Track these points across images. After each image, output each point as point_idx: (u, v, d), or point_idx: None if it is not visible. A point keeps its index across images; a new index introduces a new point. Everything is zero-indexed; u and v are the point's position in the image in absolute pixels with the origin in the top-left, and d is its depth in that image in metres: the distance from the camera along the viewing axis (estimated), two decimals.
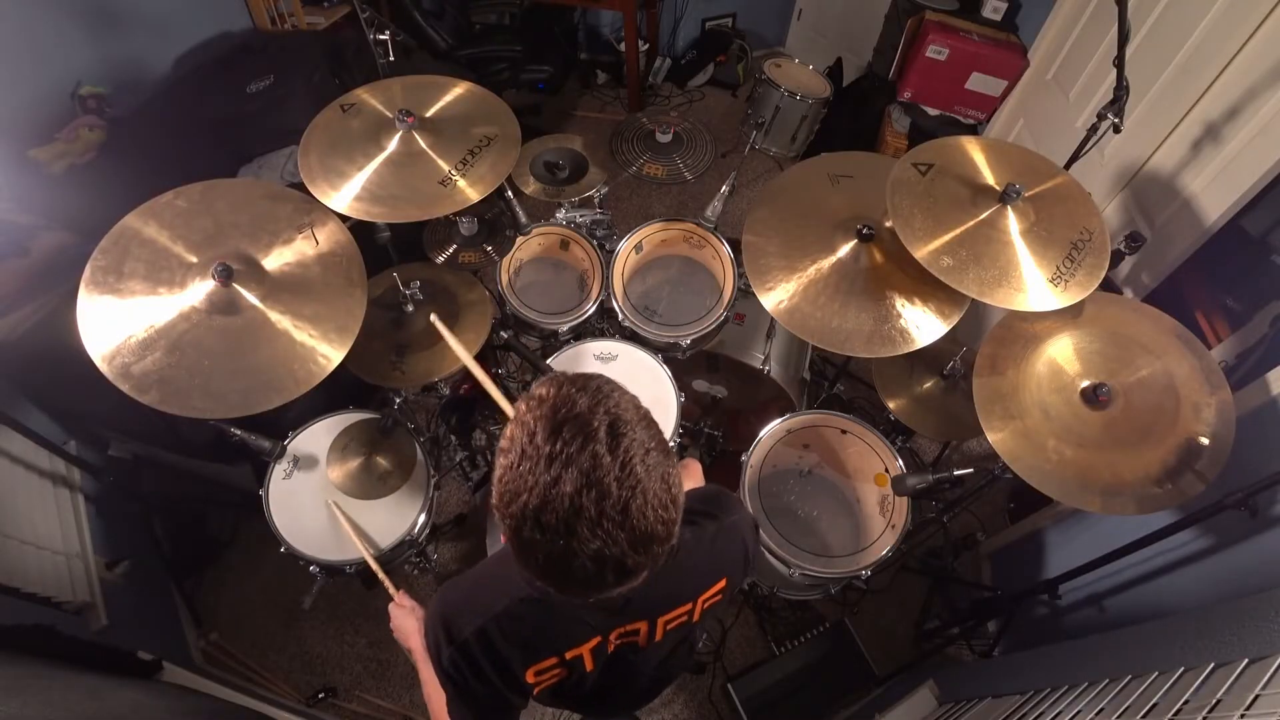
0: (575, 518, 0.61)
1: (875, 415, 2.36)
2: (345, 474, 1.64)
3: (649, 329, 1.87)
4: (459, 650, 0.86)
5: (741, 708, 2.02)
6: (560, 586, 0.68)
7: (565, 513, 0.61)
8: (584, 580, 0.65)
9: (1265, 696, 0.90)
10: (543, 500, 0.61)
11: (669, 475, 0.66)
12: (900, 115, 3.11)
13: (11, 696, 1.17)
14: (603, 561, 0.63)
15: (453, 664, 0.86)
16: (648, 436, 0.65)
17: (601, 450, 0.62)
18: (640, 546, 0.64)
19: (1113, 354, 1.44)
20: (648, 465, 0.64)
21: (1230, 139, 1.75)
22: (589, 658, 0.91)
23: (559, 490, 0.61)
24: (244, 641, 2.18)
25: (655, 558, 0.67)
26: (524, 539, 0.64)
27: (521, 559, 0.68)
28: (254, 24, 2.65)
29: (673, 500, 0.66)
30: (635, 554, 0.64)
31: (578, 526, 0.61)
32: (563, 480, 0.61)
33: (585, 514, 0.61)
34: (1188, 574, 1.52)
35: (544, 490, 0.61)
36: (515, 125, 1.59)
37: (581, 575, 0.64)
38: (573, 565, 0.64)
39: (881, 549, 1.66)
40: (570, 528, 0.61)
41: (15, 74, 1.97)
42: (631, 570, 0.66)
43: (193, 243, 1.35)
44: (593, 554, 0.62)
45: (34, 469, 1.72)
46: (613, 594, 0.70)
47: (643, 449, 0.64)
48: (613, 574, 0.65)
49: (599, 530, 0.61)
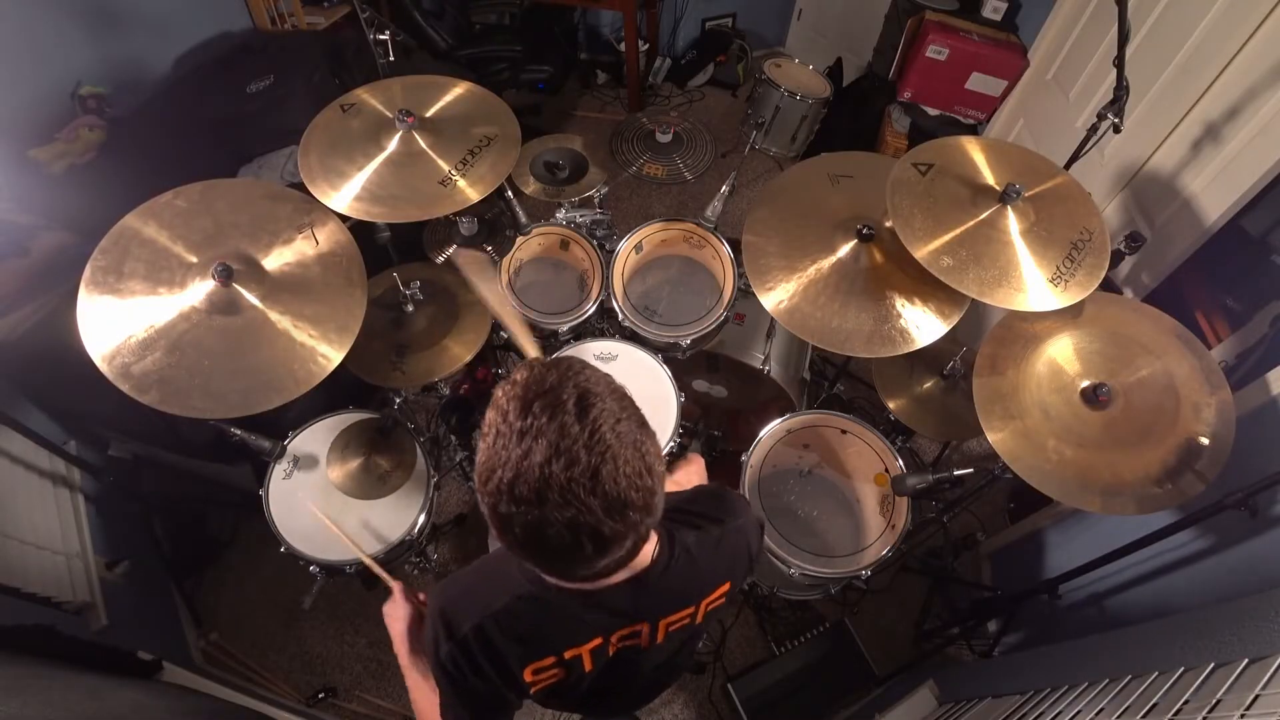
0: (545, 486, 0.62)
1: (875, 415, 2.36)
2: (345, 474, 1.64)
3: (649, 329, 1.87)
4: (458, 646, 0.86)
5: (741, 708, 2.02)
6: (542, 561, 0.69)
7: (536, 482, 0.62)
8: (562, 551, 0.66)
9: (1265, 696, 0.90)
10: (515, 473, 0.63)
11: (643, 444, 0.67)
12: (900, 115, 3.11)
13: (11, 696, 1.17)
14: (577, 529, 0.64)
15: (451, 660, 0.86)
16: (618, 407, 0.66)
17: (569, 420, 0.63)
18: (614, 513, 0.65)
19: (1113, 354, 1.44)
20: (618, 433, 0.65)
21: (1230, 139, 1.75)
22: (588, 658, 0.90)
23: (529, 462, 0.62)
24: (244, 641, 2.18)
25: (633, 526, 0.67)
26: (501, 514, 0.66)
27: (502, 535, 0.69)
28: (254, 24, 2.65)
29: (648, 469, 0.67)
30: (610, 520, 0.65)
31: (548, 494, 0.62)
32: (533, 452, 0.62)
33: (555, 482, 0.62)
34: (1188, 574, 1.52)
35: (516, 464, 0.63)
36: (515, 125, 1.59)
37: (558, 544, 0.65)
38: (548, 535, 0.64)
39: (881, 549, 1.66)
40: (542, 496, 0.62)
41: (15, 74, 1.97)
42: (609, 539, 0.66)
43: (193, 243, 1.35)
44: (566, 522, 0.63)
45: (34, 469, 1.72)
46: (597, 566, 0.70)
47: (612, 418, 0.65)
48: (590, 542, 0.66)
49: (569, 497, 0.62)
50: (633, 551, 0.72)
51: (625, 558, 0.72)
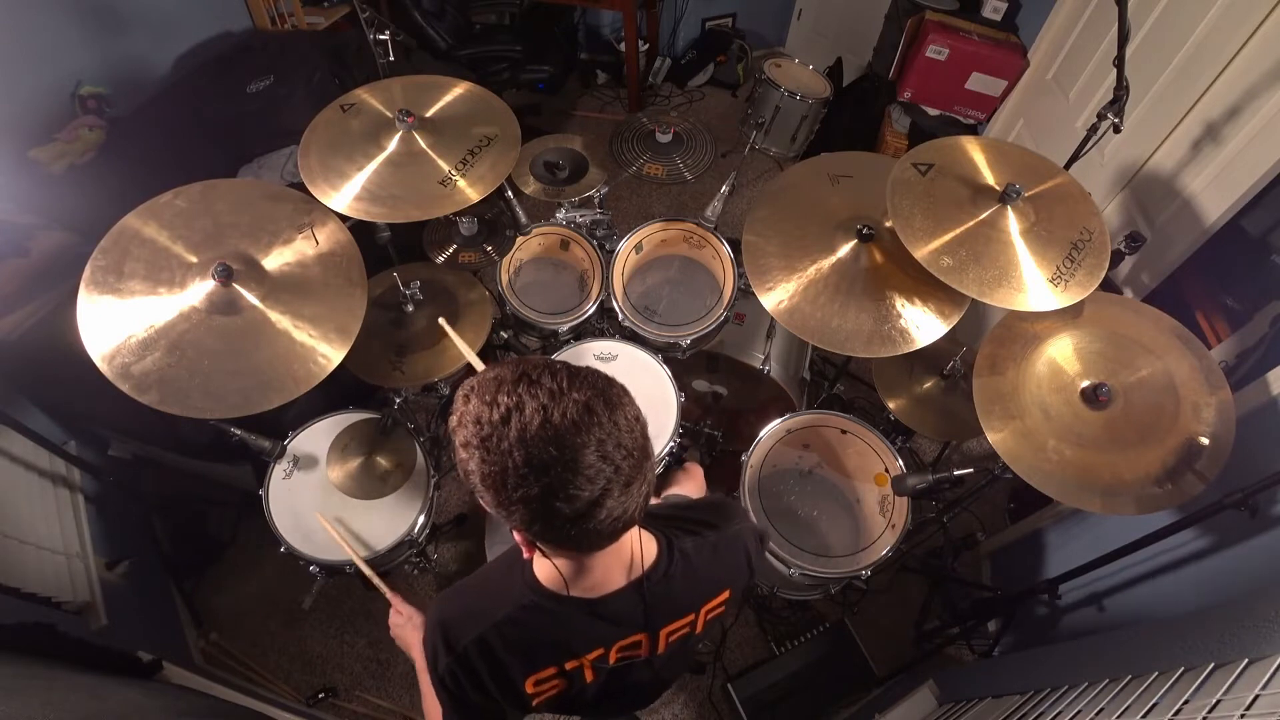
0: (559, 435, 0.63)
1: (875, 415, 2.36)
2: (345, 474, 1.64)
3: (649, 329, 1.86)
4: (458, 661, 0.85)
5: (741, 708, 2.01)
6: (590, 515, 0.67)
7: (550, 440, 0.63)
8: (605, 484, 0.65)
9: (1265, 696, 0.90)
10: (525, 450, 0.63)
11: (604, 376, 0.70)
12: (900, 115, 3.11)
13: (11, 696, 1.17)
14: (606, 453, 0.65)
15: (450, 674, 0.86)
16: (564, 364, 0.69)
17: (535, 387, 0.65)
18: (627, 428, 0.67)
19: (1113, 354, 1.44)
20: (582, 376, 0.67)
21: (1230, 139, 1.75)
22: (589, 669, 0.90)
23: (530, 432, 0.63)
24: (244, 641, 2.18)
25: (645, 436, 0.69)
26: (536, 499, 0.65)
27: (546, 525, 0.68)
28: (254, 24, 2.65)
29: (630, 400, 0.70)
30: (628, 434, 0.66)
31: (565, 440, 0.63)
32: (527, 423, 0.63)
33: (564, 428, 0.63)
34: (1188, 574, 1.52)
35: (519, 443, 0.63)
36: (515, 125, 1.59)
37: (600, 479, 0.65)
38: (589, 475, 0.64)
39: (881, 549, 1.66)
40: (561, 446, 0.63)
41: (15, 74, 1.97)
42: (633, 450, 0.67)
43: (193, 243, 1.35)
44: (595, 452, 0.64)
45: (34, 469, 1.72)
46: (631, 495, 0.68)
47: (567, 370, 0.67)
48: (623, 457, 0.66)
49: (583, 431, 0.64)
50: (653, 471, 0.72)
51: (652, 478, 0.72)
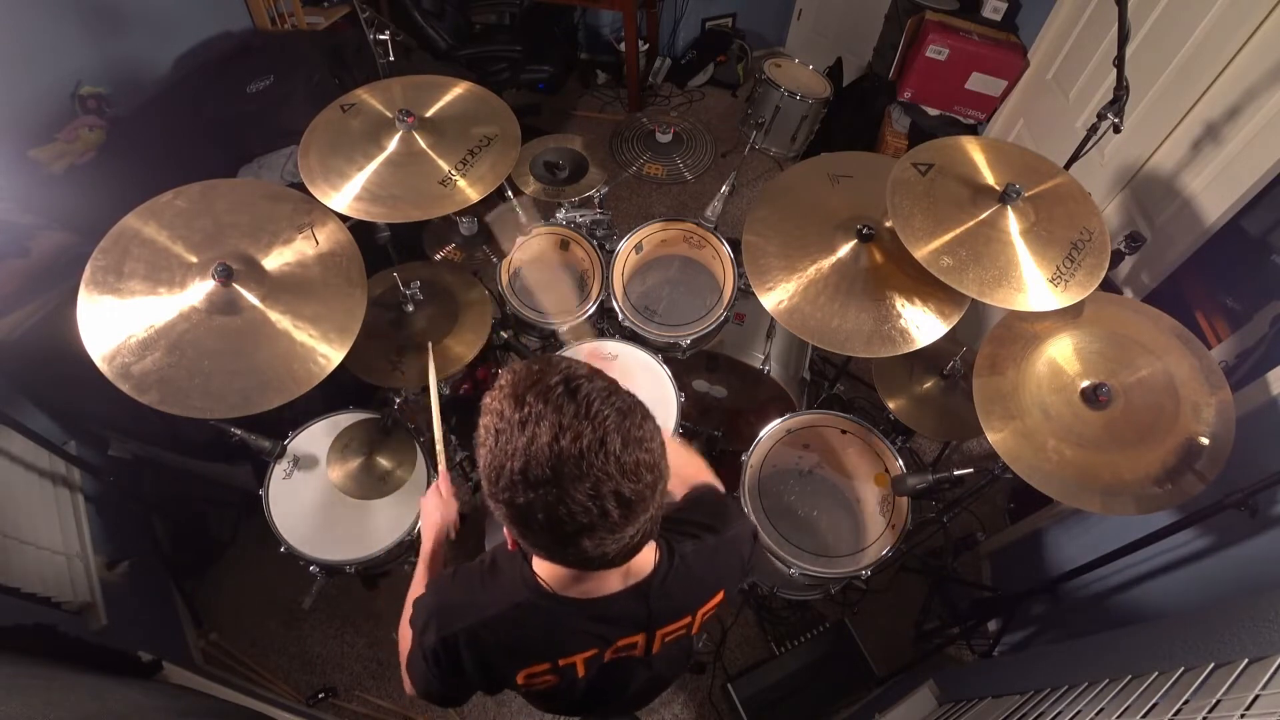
0: (559, 461, 0.63)
1: (875, 415, 2.36)
2: (345, 474, 1.64)
3: (649, 329, 1.87)
4: (443, 643, 0.86)
5: (741, 708, 2.01)
6: (569, 545, 0.68)
7: (549, 461, 0.63)
8: (589, 526, 0.66)
9: (1265, 696, 0.90)
10: (526, 459, 0.64)
11: (638, 413, 0.69)
12: (900, 115, 3.11)
13: (11, 696, 1.17)
14: (600, 495, 0.65)
15: (433, 652, 0.87)
16: (605, 385, 0.68)
17: (564, 402, 0.65)
18: (629, 475, 0.66)
19: (1113, 354, 1.44)
20: (614, 405, 0.66)
21: (1230, 139, 1.75)
22: (582, 665, 0.90)
23: (537, 445, 0.63)
24: (244, 641, 2.18)
25: (649, 487, 0.68)
26: (520, 507, 0.66)
27: (524, 532, 0.69)
28: (254, 24, 2.65)
29: (649, 435, 0.68)
30: (629, 481, 0.66)
31: (563, 469, 0.63)
32: (538, 436, 0.64)
33: (567, 455, 0.63)
34: (1188, 574, 1.52)
35: (524, 451, 0.64)
36: (515, 125, 1.59)
37: (585, 519, 0.65)
38: (573, 511, 0.65)
39: (881, 549, 1.66)
40: (558, 472, 0.63)
41: (15, 74, 1.97)
42: (632, 500, 0.66)
43: (193, 243, 1.35)
44: (588, 491, 0.64)
45: (34, 469, 1.72)
46: (625, 535, 0.69)
47: (603, 394, 0.67)
48: (615, 507, 0.66)
49: (584, 466, 0.64)
50: (653, 523, 0.72)
51: (648, 527, 0.72)
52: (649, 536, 0.74)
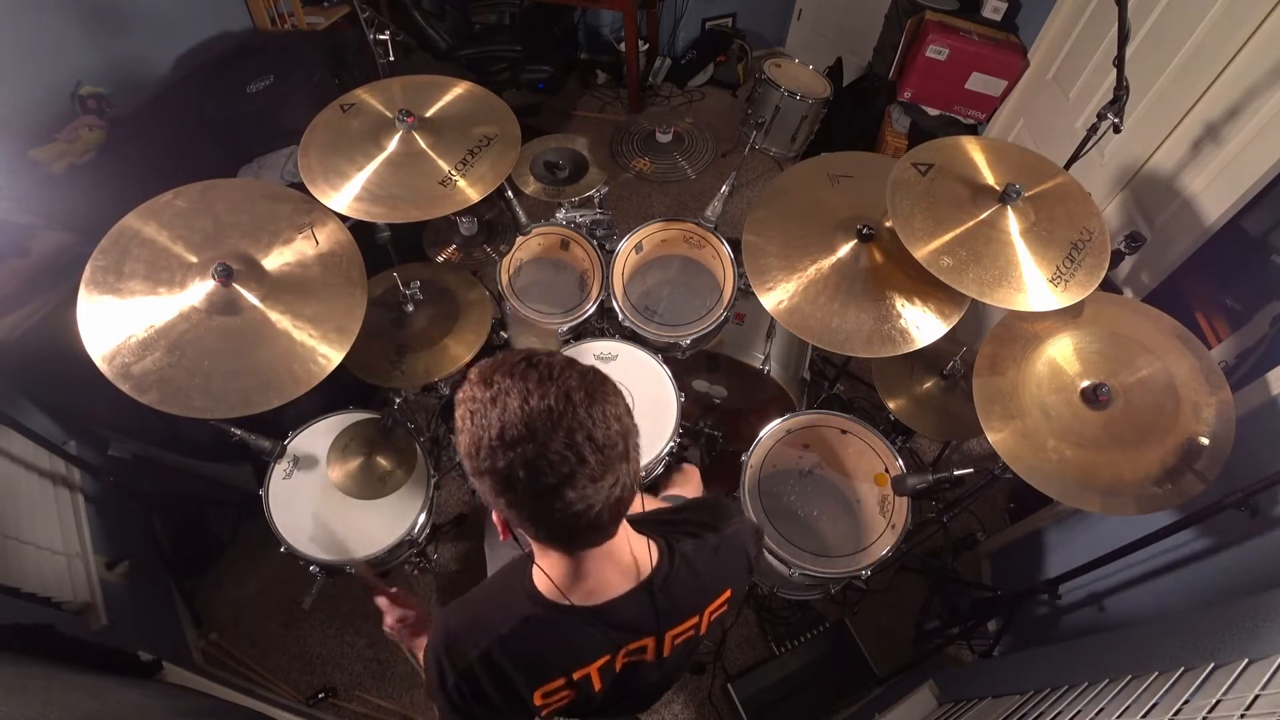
0: (531, 418, 0.67)
1: (875, 415, 2.37)
2: (345, 474, 1.64)
3: (649, 329, 1.86)
4: (463, 676, 0.85)
5: (741, 708, 2.01)
6: (553, 502, 0.69)
7: (521, 421, 0.67)
8: (569, 476, 0.67)
9: (1265, 696, 0.90)
10: (500, 425, 0.67)
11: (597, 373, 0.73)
12: (900, 115, 3.11)
13: (11, 696, 1.17)
14: (574, 443, 0.67)
15: (458, 691, 0.85)
16: (565, 358, 0.72)
17: (527, 371, 0.69)
18: (601, 420, 0.69)
19: (1113, 354, 1.44)
20: (575, 369, 0.71)
21: (1230, 139, 1.75)
22: (597, 677, 0.89)
23: (508, 411, 0.67)
24: (244, 641, 2.18)
25: (622, 436, 0.71)
26: (501, 471, 0.68)
27: (509, 500, 0.70)
28: (254, 24, 2.65)
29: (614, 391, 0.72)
30: (601, 427, 0.69)
31: (536, 424, 0.66)
32: (508, 404, 0.67)
33: (537, 411, 0.67)
34: (1188, 574, 1.52)
35: (498, 419, 0.67)
36: (515, 125, 1.59)
37: (563, 468, 0.67)
38: (551, 460, 0.66)
39: (881, 549, 1.66)
40: (531, 428, 0.66)
41: (15, 74, 1.97)
42: (605, 445, 0.69)
43: (193, 243, 1.35)
44: (563, 439, 0.67)
45: (34, 469, 1.72)
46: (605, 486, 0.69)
47: (563, 362, 0.71)
48: (591, 452, 0.68)
49: (555, 416, 0.67)
50: (633, 478, 0.73)
51: (628, 481, 0.72)
52: (631, 492, 0.74)
